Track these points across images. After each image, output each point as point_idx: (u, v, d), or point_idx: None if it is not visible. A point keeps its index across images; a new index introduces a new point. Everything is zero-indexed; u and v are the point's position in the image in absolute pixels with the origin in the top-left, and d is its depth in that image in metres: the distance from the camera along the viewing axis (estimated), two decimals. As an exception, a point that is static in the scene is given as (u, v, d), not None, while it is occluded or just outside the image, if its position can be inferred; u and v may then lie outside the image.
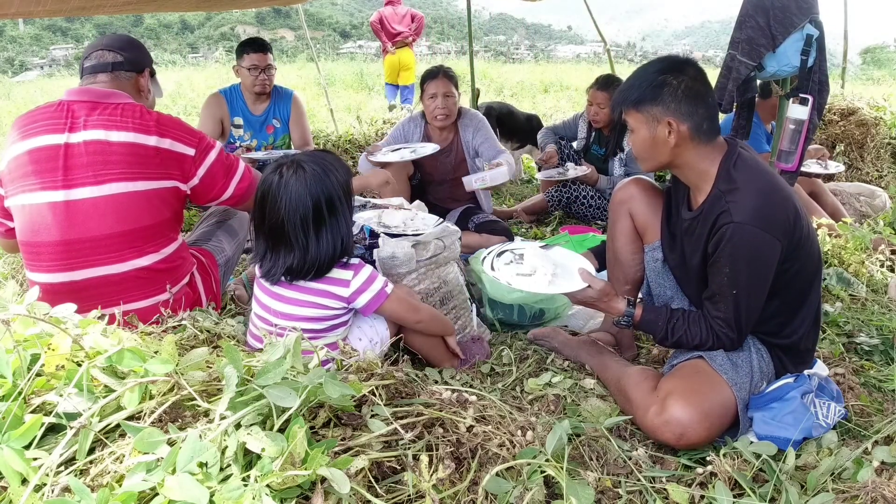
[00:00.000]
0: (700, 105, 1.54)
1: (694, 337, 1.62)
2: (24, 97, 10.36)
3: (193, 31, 56.27)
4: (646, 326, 1.71)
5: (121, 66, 1.85)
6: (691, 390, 1.56)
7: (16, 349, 1.02)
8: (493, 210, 3.61)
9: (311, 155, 1.58)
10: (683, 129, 1.54)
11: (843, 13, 5.43)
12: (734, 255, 1.50)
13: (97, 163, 1.69)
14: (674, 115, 1.53)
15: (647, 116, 1.57)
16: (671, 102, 1.53)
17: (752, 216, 1.47)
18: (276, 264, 1.54)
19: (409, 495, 1.00)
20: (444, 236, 2.04)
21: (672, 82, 1.54)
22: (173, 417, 1.01)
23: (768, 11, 2.35)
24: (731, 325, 1.57)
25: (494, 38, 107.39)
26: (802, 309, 1.64)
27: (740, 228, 1.48)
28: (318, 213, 1.51)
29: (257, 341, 1.65)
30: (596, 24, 5.53)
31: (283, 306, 1.60)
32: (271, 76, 3.41)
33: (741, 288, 1.53)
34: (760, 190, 1.51)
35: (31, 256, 1.75)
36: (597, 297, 1.70)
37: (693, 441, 1.52)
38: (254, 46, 3.36)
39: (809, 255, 1.59)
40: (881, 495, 1.18)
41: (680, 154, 1.59)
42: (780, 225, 1.49)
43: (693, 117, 1.54)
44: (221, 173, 1.91)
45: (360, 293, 1.60)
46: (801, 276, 1.59)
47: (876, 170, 4.45)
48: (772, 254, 1.50)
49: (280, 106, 3.54)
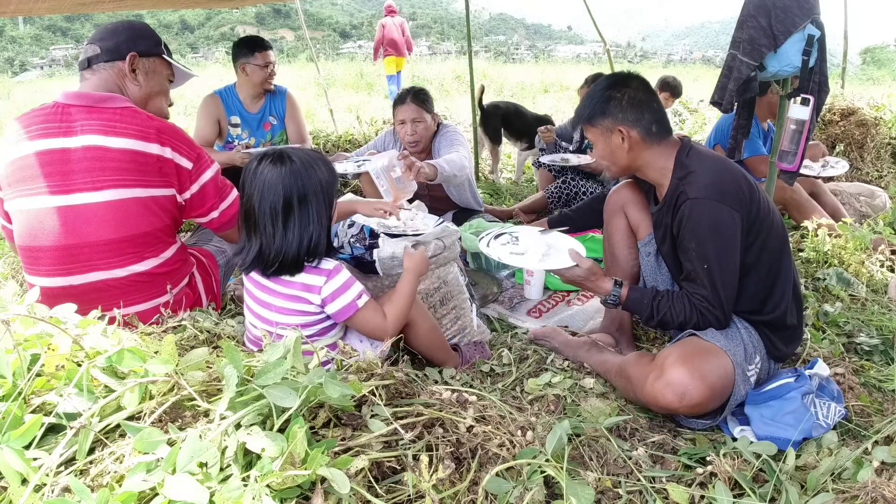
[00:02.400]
0: (645, 111, 1.72)
1: (678, 314, 1.70)
2: (24, 97, 10.36)
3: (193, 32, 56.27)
4: (632, 305, 1.81)
5: (98, 58, 1.79)
6: (688, 354, 1.62)
7: (16, 349, 1.02)
8: (493, 210, 3.61)
9: (297, 150, 1.57)
10: (634, 134, 1.73)
11: (843, 13, 5.43)
12: (696, 230, 1.62)
13: (95, 168, 1.67)
14: (622, 124, 1.73)
15: (601, 129, 1.77)
16: (618, 113, 1.73)
17: (706, 191, 1.61)
18: (249, 252, 1.54)
19: (409, 495, 1.00)
20: (444, 236, 2.04)
21: (616, 95, 1.73)
22: (173, 417, 1.01)
23: (770, 11, 2.35)
24: (712, 301, 1.65)
25: (494, 39, 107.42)
26: (777, 283, 1.72)
27: (697, 203, 1.61)
28: (288, 204, 1.49)
29: (253, 345, 1.65)
30: (596, 25, 5.52)
31: (270, 314, 1.59)
32: (275, 72, 3.49)
33: (711, 261, 1.62)
34: (711, 168, 1.66)
35: (29, 261, 1.74)
36: (584, 275, 1.82)
37: (695, 401, 1.54)
38: (262, 45, 3.41)
39: (772, 229, 1.69)
40: (881, 495, 1.18)
41: (637, 157, 1.76)
42: (733, 196, 1.61)
43: (640, 122, 1.72)
44: (214, 193, 1.89)
45: (331, 299, 1.55)
46: (767, 249, 1.69)
47: (876, 170, 4.45)
48: (732, 223, 1.60)
49: (275, 103, 3.60)
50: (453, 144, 2.98)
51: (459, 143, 3.00)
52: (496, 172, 4.93)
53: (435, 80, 12.60)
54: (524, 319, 2.42)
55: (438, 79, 12.84)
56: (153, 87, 1.89)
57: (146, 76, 1.86)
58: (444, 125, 3.12)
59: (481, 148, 4.99)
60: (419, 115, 2.96)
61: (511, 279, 2.76)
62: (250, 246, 1.54)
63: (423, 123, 2.98)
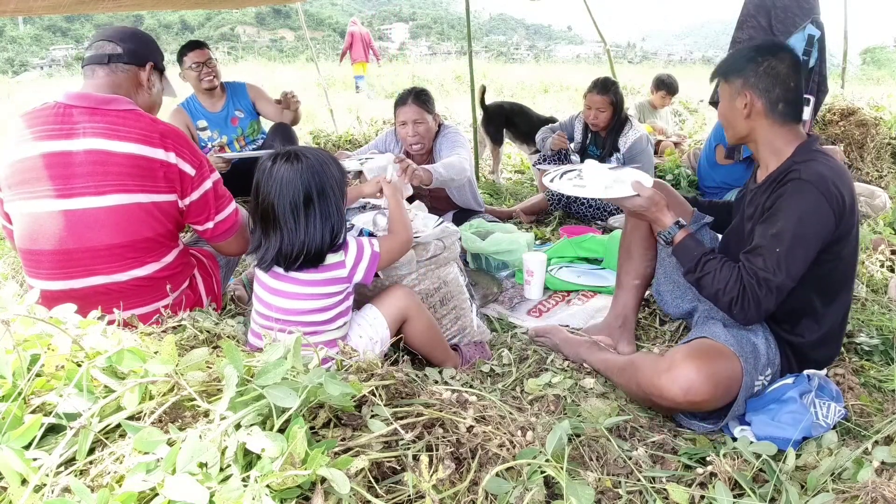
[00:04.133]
0: (777, 86, 1.66)
1: (721, 280, 1.63)
2: (24, 97, 10.36)
3: (193, 32, 56.21)
4: (681, 251, 1.76)
5: (119, 57, 1.78)
6: (699, 354, 1.60)
7: (16, 349, 1.02)
8: (493, 210, 3.61)
9: (307, 148, 1.62)
10: (758, 105, 1.68)
11: (843, 13, 5.43)
12: (790, 207, 1.56)
13: (98, 173, 1.65)
14: (751, 89, 1.67)
15: (731, 87, 1.73)
16: (752, 77, 1.67)
17: (818, 179, 1.55)
18: (269, 250, 1.57)
19: (409, 495, 1.00)
20: (444, 237, 2.04)
21: (758, 59, 1.68)
22: (173, 418, 1.01)
23: (770, 12, 2.36)
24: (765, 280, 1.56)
25: (494, 39, 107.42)
26: (826, 310, 1.68)
27: (804, 185, 1.56)
28: (308, 198, 1.54)
29: (258, 339, 1.66)
30: (596, 25, 5.52)
31: (285, 301, 1.61)
32: (214, 68, 3.57)
33: (786, 244, 1.55)
34: (832, 167, 1.60)
35: (30, 264, 1.73)
36: (646, 204, 1.79)
37: (698, 398, 1.54)
38: (189, 46, 3.55)
39: (846, 259, 1.66)
40: (881, 495, 1.18)
41: (754, 128, 1.72)
42: (837, 200, 1.56)
43: (769, 95, 1.66)
44: (213, 202, 1.87)
45: (356, 266, 1.64)
46: (833, 274, 1.65)
47: (876, 170, 4.45)
48: (825, 219, 1.55)
49: (237, 98, 3.71)
50: (455, 146, 2.97)
51: (461, 144, 2.99)
52: (497, 173, 4.92)
53: (435, 80, 12.61)
54: (524, 319, 2.42)
55: (438, 79, 12.85)
56: (157, 100, 1.93)
57: (153, 88, 1.89)
58: (445, 126, 3.10)
59: (482, 148, 4.97)
60: (420, 116, 2.94)
61: (511, 279, 2.76)
62: (269, 244, 1.57)
63: (424, 124, 2.96)
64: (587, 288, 2.67)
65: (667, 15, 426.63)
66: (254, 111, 3.80)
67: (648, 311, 2.40)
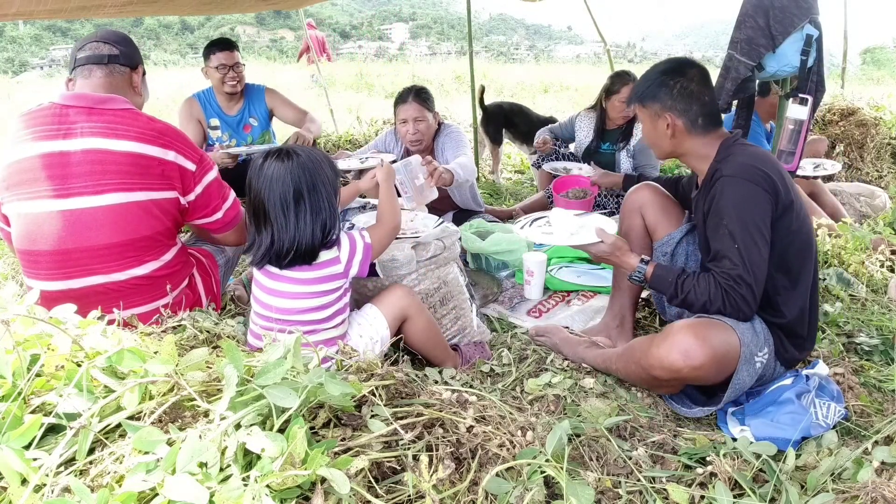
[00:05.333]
0: (694, 103, 1.74)
1: (702, 293, 1.66)
2: (24, 98, 10.35)
3: (193, 32, 56.26)
4: (657, 282, 1.79)
5: (116, 59, 1.81)
6: (696, 324, 1.63)
7: (16, 349, 1.02)
8: (493, 210, 3.61)
9: (302, 147, 1.62)
10: (679, 124, 1.76)
11: (843, 13, 5.44)
12: (726, 205, 1.63)
13: (96, 172, 1.66)
14: (670, 111, 1.75)
15: (649, 111, 1.80)
16: (668, 100, 1.75)
17: (740, 170, 1.63)
18: (260, 247, 1.57)
19: (409, 495, 1.00)
20: (444, 237, 2.04)
21: (669, 83, 1.75)
22: (173, 417, 1.01)
23: (768, 11, 2.35)
24: (740, 278, 1.60)
25: (494, 39, 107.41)
26: (795, 286, 1.72)
27: (730, 180, 1.64)
28: (299, 193, 1.54)
29: (258, 340, 1.66)
30: (596, 25, 5.52)
31: (283, 301, 1.60)
32: (240, 73, 3.42)
33: (739, 238, 1.60)
34: (751, 153, 1.69)
35: (29, 264, 1.73)
36: (609, 250, 1.85)
37: (699, 361, 1.55)
38: (219, 45, 3.39)
39: (801, 228, 1.69)
40: (881, 495, 1.18)
41: (679, 144, 1.80)
42: (765, 179, 1.62)
43: (688, 113, 1.75)
44: (217, 194, 1.90)
45: (351, 260, 1.65)
46: (790, 249, 1.69)
47: (876, 170, 4.45)
48: (762, 202, 1.61)
49: (254, 104, 3.56)
50: (459, 146, 2.98)
51: (464, 143, 3.00)
52: (496, 173, 4.93)
53: (435, 80, 12.61)
54: (524, 319, 2.42)
55: (438, 79, 12.84)
56: (144, 100, 1.96)
57: (143, 90, 1.93)
58: (445, 124, 3.11)
59: (482, 148, 4.97)
60: (421, 114, 2.95)
61: (511, 279, 2.76)
62: (261, 241, 1.58)
63: (424, 122, 2.96)
64: (587, 288, 2.67)
65: (667, 15, 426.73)
66: (268, 120, 3.65)
67: (648, 311, 2.40)
